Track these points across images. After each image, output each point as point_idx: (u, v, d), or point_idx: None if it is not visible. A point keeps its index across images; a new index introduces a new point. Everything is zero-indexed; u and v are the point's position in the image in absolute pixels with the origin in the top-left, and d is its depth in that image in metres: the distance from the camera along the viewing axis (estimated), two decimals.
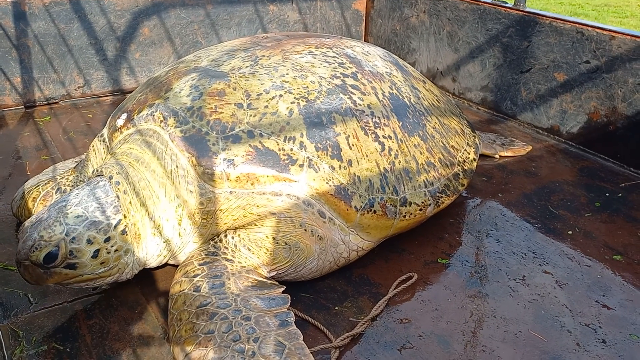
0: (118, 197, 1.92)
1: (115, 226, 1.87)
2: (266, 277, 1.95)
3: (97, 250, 1.83)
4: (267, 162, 1.93)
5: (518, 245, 2.40)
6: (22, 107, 3.61)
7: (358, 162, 2.06)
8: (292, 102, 2.06)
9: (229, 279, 1.84)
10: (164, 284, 2.09)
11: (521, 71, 3.61)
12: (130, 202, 1.93)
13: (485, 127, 3.65)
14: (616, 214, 2.66)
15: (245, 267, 1.92)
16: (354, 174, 2.04)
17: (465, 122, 2.79)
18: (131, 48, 3.83)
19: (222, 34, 4.13)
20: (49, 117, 3.51)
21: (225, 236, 1.97)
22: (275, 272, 1.99)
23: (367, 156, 2.09)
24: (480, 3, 3.79)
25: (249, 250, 1.95)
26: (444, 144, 2.43)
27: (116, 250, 1.87)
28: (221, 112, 1.99)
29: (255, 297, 1.81)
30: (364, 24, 4.84)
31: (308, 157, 1.98)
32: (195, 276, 1.84)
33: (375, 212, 2.06)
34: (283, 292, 1.88)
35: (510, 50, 3.64)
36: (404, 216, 2.15)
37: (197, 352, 1.63)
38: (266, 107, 2.03)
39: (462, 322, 1.95)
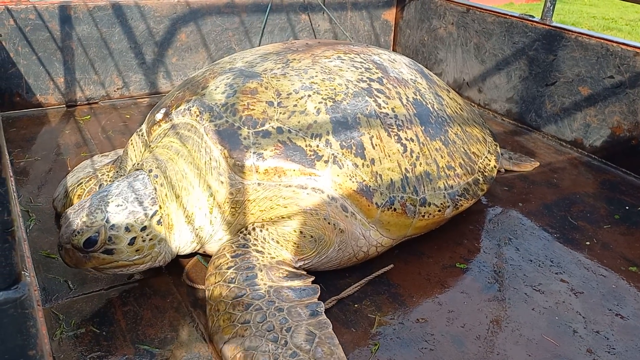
0: (155, 189, 2.05)
1: (152, 216, 2.01)
2: (294, 267, 2.04)
3: (134, 238, 1.96)
4: (294, 157, 2.04)
5: (536, 253, 2.46)
6: (64, 106, 3.79)
7: (380, 162, 2.16)
8: (319, 102, 2.17)
9: (261, 271, 1.93)
10: (194, 276, 2.20)
11: (546, 84, 3.66)
12: (166, 195, 2.06)
13: (510, 138, 3.70)
14: (635, 226, 2.70)
15: (274, 258, 2.01)
16: (376, 172, 2.14)
17: (488, 131, 2.85)
18: (168, 52, 3.99)
19: (255, 41, 4.27)
20: (89, 117, 3.68)
21: (254, 229, 2.07)
22: (302, 262, 2.09)
23: (389, 156, 2.19)
24: (507, 16, 3.86)
25: (278, 243, 2.05)
26: (465, 150, 2.50)
27: (151, 239, 2.00)
28: (253, 109, 2.12)
29: (287, 288, 1.90)
30: (392, 34, 4.93)
31: (333, 154, 2.08)
32: (229, 268, 1.93)
33: (395, 209, 2.15)
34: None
35: (536, 64, 3.70)
36: (423, 216, 2.23)
37: (235, 340, 1.73)
38: (295, 105, 2.14)
39: (477, 325, 2.02)
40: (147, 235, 2.00)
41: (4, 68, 3.52)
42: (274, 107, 2.13)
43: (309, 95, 2.18)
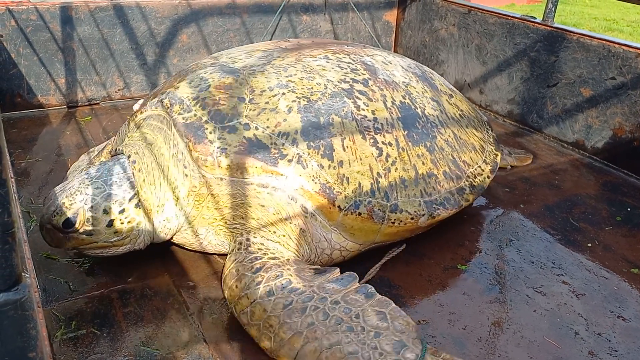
0: (134, 174, 2.10)
1: (130, 200, 2.06)
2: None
3: (112, 221, 2.02)
4: (257, 154, 2.03)
5: (537, 255, 2.46)
6: (65, 107, 3.79)
7: (350, 164, 2.12)
8: (293, 101, 2.15)
9: (291, 275, 1.88)
10: (195, 277, 2.20)
11: (548, 85, 3.66)
12: (143, 180, 2.10)
13: (511, 139, 3.70)
14: (637, 228, 2.70)
15: (288, 259, 1.99)
16: (343, 174, 2.09)
17: (491, 140, 2.76)
18: (170, 53, 3.99)
19: (257, 41, 4.27)
20: (90, 117, 3.68)
21: (249, 239, 2.04)
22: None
23: (360, 159, 2.14)
24: (509, 17, 3.86)
25: (279, 243, 2.04)
26: (453, 158, 2.43)
27: (129, 222, 2.05)
28: (223, 104, 2.12)
29: (327, 283, 1.87)
30: (393, 35, 4.93)
31: (298, 154, 2.05)
32: (258, 285, 1.86)
33: (360, 214, 2.10)
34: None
35: (537, 65, 3.69)
36: (393, 222, 2.16)
37: (310, 345, 1.68)
38: (267, 103, 2.13)
39: (479, 326, 2.02)
40: (125, 218, 2.04)
41: (5, 69, 3.52)
42: (245, 104, 2.13)
43: (283, 94, 2.17)
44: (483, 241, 2.55)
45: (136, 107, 2.35)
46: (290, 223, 2.07)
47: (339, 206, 2.07)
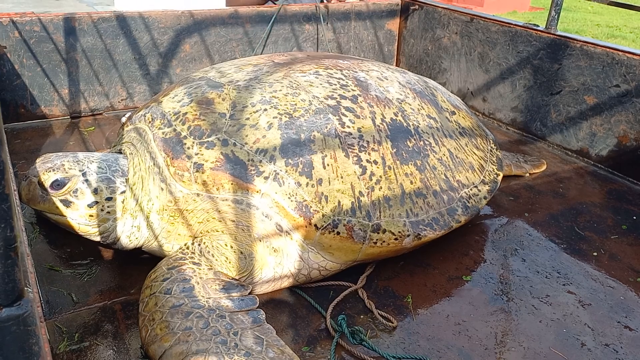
0: (129, 171, 2.16)
1: (121, 192, 2.11)
2: (232, 278, 2.01)
3: (96, 202, 2.06)
4: (233, 170, 2.01)
5: (543, 264, 2.44)
6: (69, 117, 3.79)
7: (329, 182, 2.07)
8: (274, 117, 2.12)
9: (198, 283, 1.91)
10: None
11: (551, 93, 3.65)
12: (130, 181, 2.15)
13: (515, 147, 3.69)
14: None
15: (211, 269, 1.99)
16: (322, 193, 2.05)
17: (494, 159, 2.69)
18: (172, 63, 4.00)
19: (259, 51, 4.28)
20: (93, 128, 3.68)
21: (193, 244, 2.06)
22: (239, 277, 2.06)
23: (342, 178, 2.09)
24: (511, 25, 3.86)
25: (213, 256, 2.02)
26: (447, 177, 2.37)
27: (108, 212, 2.09)
28: (203, 120, 2.11)
29: (225, 299, 1.89)
30: (396, 44, 4.93)
31: (275, 171, 2.02)
32: (164, 280, 1.91)
33: (338, 233, 2.05)
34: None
35: (540, 73, 3.69)
36: (375, 243, 2.11)
37: (178, 347, 1.70)
38: (247, 119, 2.11)
39: (484, 337, 2.00)
40: (109, 207, 2.08)
41: (8, 80, 3.53)
42: (225, 119, 2.11)
43: (265, 110, 2.14)
44: (488, 251, 2.53)
45: (123, 119, 2.39)
46: (261, 241, 2.05)
47: (315, 225, 2.02)
